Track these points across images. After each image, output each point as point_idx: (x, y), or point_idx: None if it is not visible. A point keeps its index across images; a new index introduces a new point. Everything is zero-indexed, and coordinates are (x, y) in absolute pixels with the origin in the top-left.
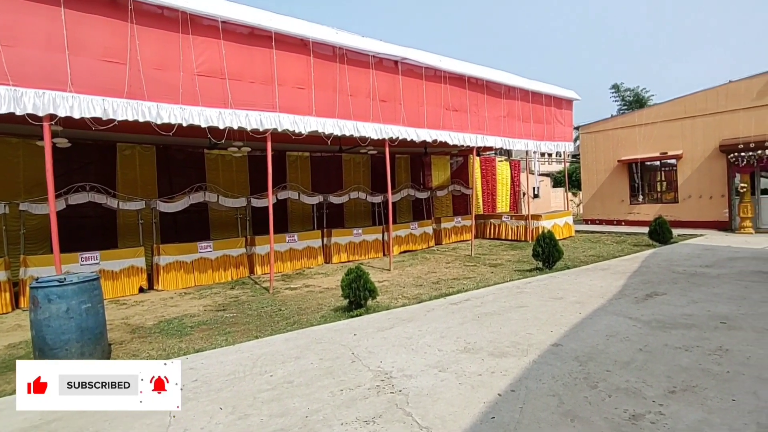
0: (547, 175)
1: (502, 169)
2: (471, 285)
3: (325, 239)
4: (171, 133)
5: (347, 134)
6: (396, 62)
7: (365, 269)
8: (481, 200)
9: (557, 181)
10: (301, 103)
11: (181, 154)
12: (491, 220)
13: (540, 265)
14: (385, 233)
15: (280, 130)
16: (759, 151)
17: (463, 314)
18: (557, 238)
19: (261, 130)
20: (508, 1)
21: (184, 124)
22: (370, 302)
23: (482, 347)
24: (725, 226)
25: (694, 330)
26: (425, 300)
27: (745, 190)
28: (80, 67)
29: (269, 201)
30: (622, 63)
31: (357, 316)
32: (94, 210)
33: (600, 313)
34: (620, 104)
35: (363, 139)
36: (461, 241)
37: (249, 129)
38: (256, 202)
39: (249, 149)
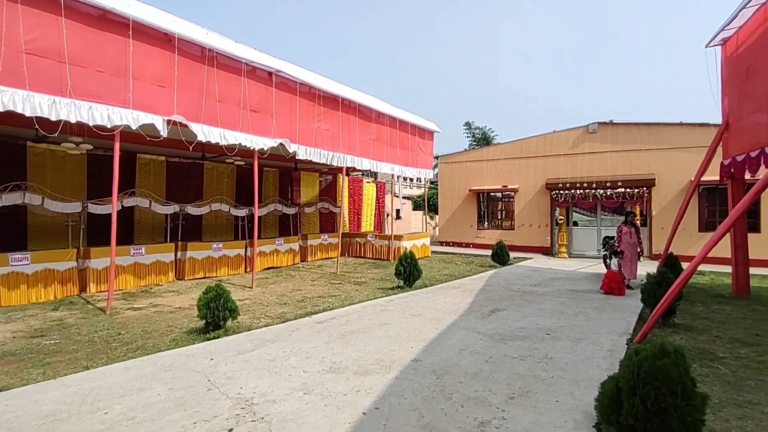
0: (408, 198)
1: (369, 190)
2: (336, 303)
3: (179, 253)
4: None
5: (212, 142)
6: (270, 74)
7: (226, 287)
8: (347, 219)
9: (417, 204)
10: (160, 101)
11: None
12: (357, 239)
13: (401, 283)
14: (249, 248)
15: (132, 129)
16: (572, 191)
17: (329, 333)
18: (416, 258)
19: (108, 127)
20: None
21: (1, 109)
22: (230, 323)
23: (347, 366)
24: (548, 251)
25: (527, 341)
26: (290, 319)
27: (562, 221)
28: None
29: (113, 208)
30: (472, 104)
31: (215, 338)
32: None
33: (453, 328)
34: (471, 140)
35: (230, 149)
36: (327, 258)
37: (92, 124)
38: (95, 209)
39: (90, 147)
